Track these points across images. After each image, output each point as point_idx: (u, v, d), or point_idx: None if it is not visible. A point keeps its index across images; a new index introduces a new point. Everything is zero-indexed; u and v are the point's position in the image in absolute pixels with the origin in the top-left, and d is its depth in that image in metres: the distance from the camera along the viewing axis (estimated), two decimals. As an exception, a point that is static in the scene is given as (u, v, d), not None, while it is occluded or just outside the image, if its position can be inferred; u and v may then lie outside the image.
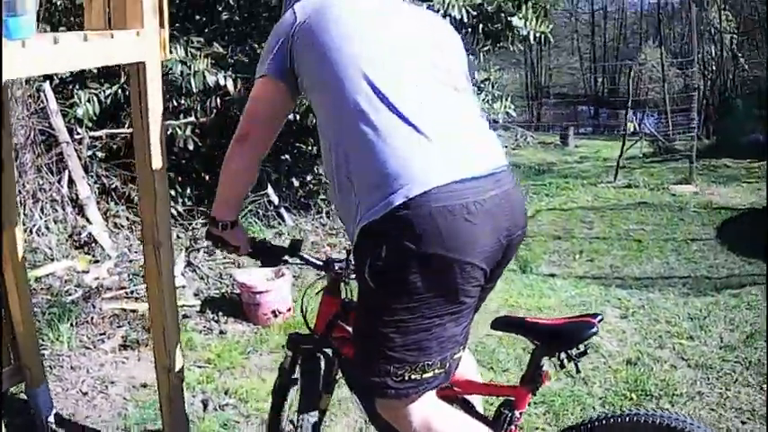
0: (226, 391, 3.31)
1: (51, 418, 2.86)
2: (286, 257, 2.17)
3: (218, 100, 5.91)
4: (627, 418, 1.83)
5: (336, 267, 2.12)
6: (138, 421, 3.03)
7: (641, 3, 25.90)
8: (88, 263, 4.62)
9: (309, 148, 6.98)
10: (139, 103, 2.25)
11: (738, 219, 7.33)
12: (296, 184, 6.81)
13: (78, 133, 5.21)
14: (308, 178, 7.09)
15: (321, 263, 2.15)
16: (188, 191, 6.05)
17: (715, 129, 15.38)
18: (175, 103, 5.78)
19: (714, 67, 17.96)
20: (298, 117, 5.75)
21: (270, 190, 6.44)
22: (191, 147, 5.70)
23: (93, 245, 4.84)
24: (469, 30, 6.26)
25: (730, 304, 4.50)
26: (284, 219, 6.49)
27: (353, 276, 2.07)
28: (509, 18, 6.20)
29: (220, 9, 6.39)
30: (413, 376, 1.67)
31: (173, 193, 5.90)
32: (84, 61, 2.14)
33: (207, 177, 6.25)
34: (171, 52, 2.36)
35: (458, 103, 1.76)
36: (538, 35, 6.28)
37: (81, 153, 5.18)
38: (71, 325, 3.79)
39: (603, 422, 1.84)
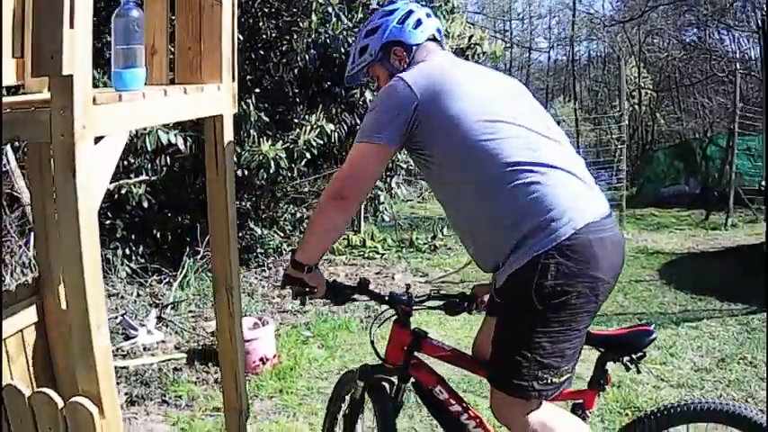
0: (249, 437, 3.34)
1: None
2: (355, 296, 2.33)
3: (168, 158, 5.94)
4: (692, 407, 2.14)
5: (405, 299, 2.30)
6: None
7: (548, 60, 26.72)
8: (63, 323, 4.51)
9: (243, 203, 7.06)
10: (215, 155, 2.37)
11: (678, 261, 7.61)
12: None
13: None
14: (240, 234, 7.15)
15: (387, 297, 2.33)
16: (141, 249, 5.98)
17: (634, 180, 16.16)
18: (125, 163, 5.76)
19: (628, 121, 18.87)
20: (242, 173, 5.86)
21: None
22: (145, 204, 5.67)
23: (64, 305, 4.71)
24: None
25: (692, 335, 4.79)
26: (229, 274, 6.51)
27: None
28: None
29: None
30: (554, 380, 1.96)
31: (126, 251, 5.83)
32: (183, 113, 2.24)
33: (159, 235, 6.21)
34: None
35: (572, 155, 2.09)
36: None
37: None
38: (69, 384, 3.71)
39: (672, 411, 2.16)
